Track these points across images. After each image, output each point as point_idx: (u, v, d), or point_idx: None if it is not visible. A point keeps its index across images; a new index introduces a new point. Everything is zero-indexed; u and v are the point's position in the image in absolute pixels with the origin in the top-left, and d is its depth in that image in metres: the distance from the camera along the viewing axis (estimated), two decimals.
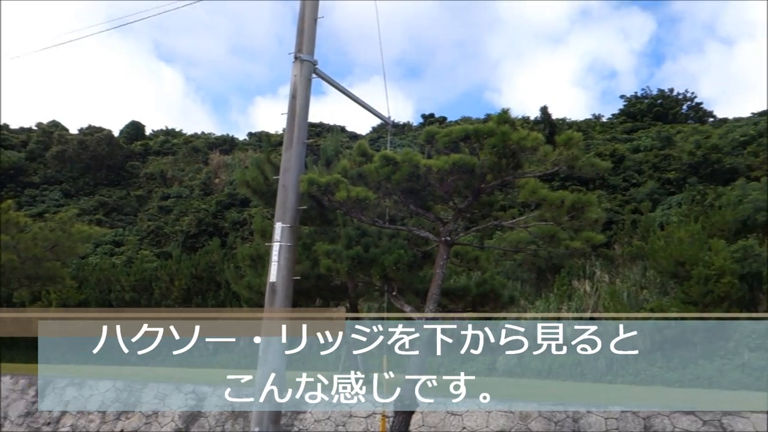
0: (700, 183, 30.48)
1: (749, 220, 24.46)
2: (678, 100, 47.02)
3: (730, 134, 34.37)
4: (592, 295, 24.76)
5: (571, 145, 8.87)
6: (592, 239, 9.64)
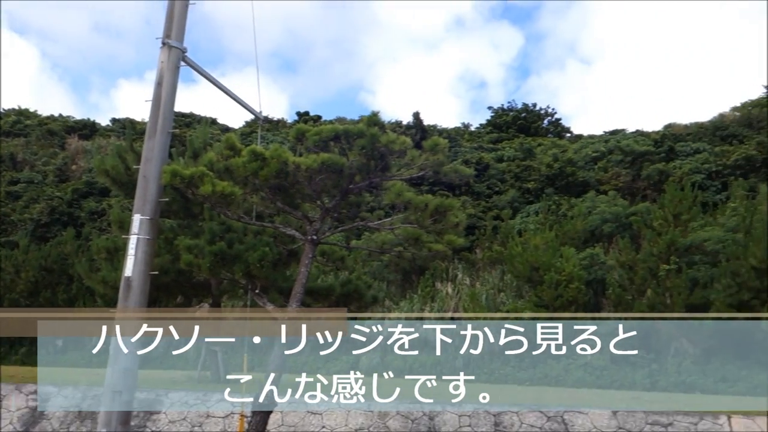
0: (555, 194, 32.47)
1: (597, 231, 26.40)
2: (540, 115, 49.86)
3: (583, 150, 36.87)
4: (453, 297, 25.69)
5: (437, 150, 9.14)
6: (454, 242, 9.97)
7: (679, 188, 24.69)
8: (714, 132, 36.44)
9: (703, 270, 20.79)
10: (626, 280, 21.94)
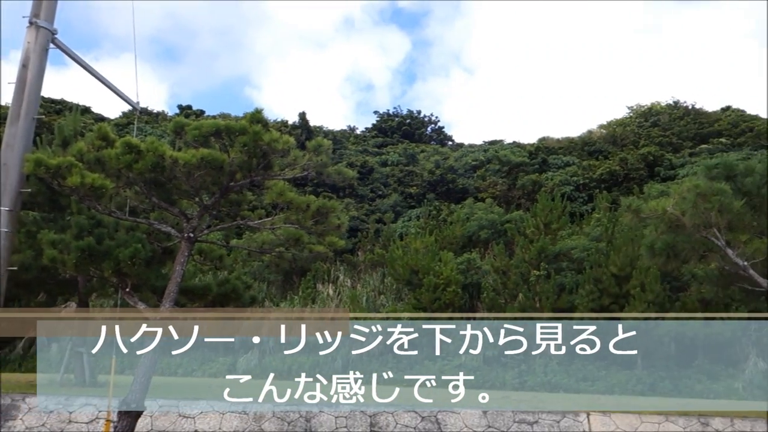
0: (436, 199, 33.37)
1: (474, 236, 27.37)
2: (424, 122, 51.14)
3: (464, 158, 38.17)
4: (334, 299, 25.71)
5: (321, 152, 9.12)
6: (336, 244, 10.00)
7: (550, 198, 26.08)
8: (583, 147, 38.83)
9: (569, 276, 22.02)
10: (500, 284, 22.87)
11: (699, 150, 35.09)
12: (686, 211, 8.01)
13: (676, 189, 8.46)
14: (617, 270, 20.14)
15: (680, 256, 8.74)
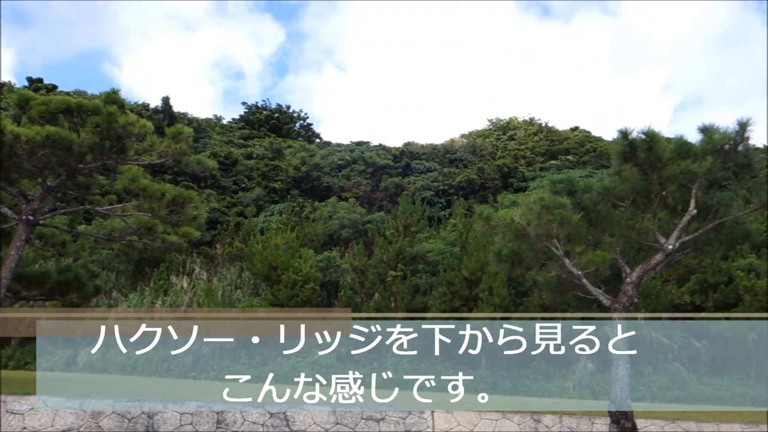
0: (300, 196, 33.26)
1: (335, 235, 27.58)
2: (293, 117, 50.79)
3: (330, 156, 38.34)
4: (188, 292, 24.89)
5: (180, 139, 8.82)
6: (191, 235, 9.71)
7: (411, 202, 26.82)
8: (445, 154, 40.29)
9: (424, 278, 22.76)
10: (357, 283, 23.20)
11: (549, 165, 37.55)
12: (531, 221, 8.56)
13: (524, 200, 9.02)
14: (469, 274, 21.07)
15: (524, 263, 9.32)
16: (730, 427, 12.70)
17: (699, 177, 8.87)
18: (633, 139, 8.99)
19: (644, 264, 9.10)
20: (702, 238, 9.50)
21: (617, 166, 9.48)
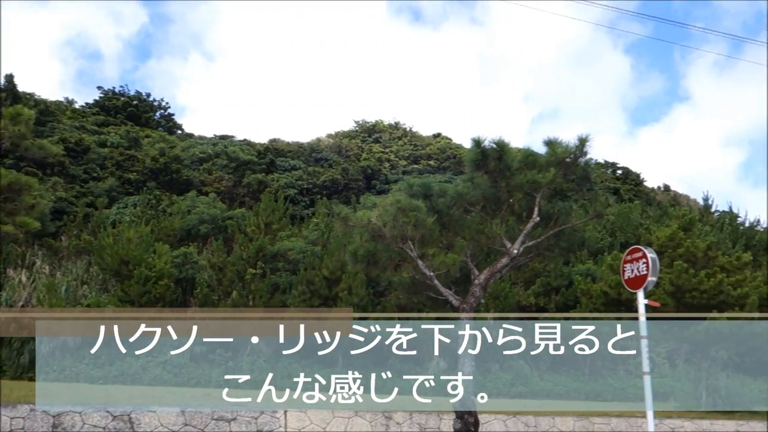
0: (157, 188, 31.87)
1: (193, 230, 26.69)
2: (152, 106, 48.53)
3: (192, 149, 37.09)
4: (27, 286, 23.10)
5: (20, 121, 8.16)
6: (28, 225, 9.02)
7: (273, 199, 26.54)
8: (310, 153, 40.28)
9: (284, 276, 22.61)
10: (215, 280, 22.61)
11: (411, 169, 38.62)
12: (387, 223, 8.75)
13: (381, 202, 9.22)
14: (329, 273, 21.19)
15: (380, 263, 9.51)
16: (563, 421, 13.70)
17: (543, 187, 9.49)
18: (485, 148, 9.46)
19: (491, 267, 9.59)
20: (544, 244, 10.16)
21: (470, 172, 9.93)
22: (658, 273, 9.84)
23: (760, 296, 16.45)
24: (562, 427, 13.70)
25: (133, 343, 9.68)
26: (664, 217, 28.72)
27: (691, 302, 16.63)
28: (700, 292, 16.42)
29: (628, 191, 44.77)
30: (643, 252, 9.68)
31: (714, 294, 16.39)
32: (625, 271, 10.03)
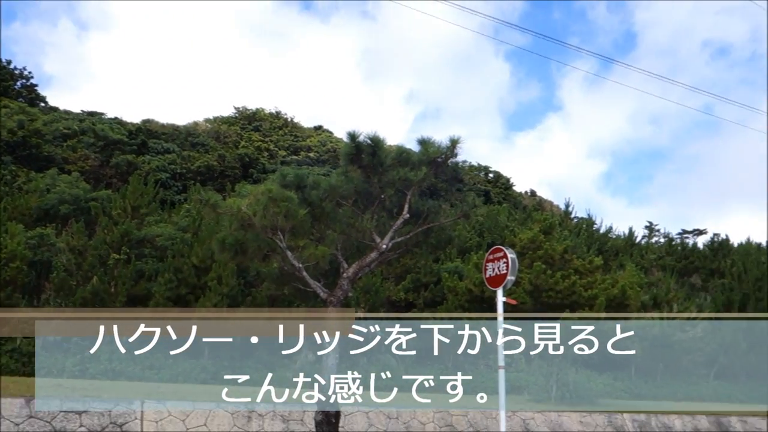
0: (14, 164, 29.57)
1: (52, 210, 25.00)
2: (13, 74, 44.84)
3: (55, 123, 34.68)
4: None
5: None
6: None
7: (143, 182, 25.40)
8: (186, 137, 38.91)
9: (150, 263, 21.73)
10: (74, 264, 21.33)
11: (291, 160, 38.27)
12: (257, 212, 8.62)
13: (252, 190, 9.07)
14: (198, 261, 20.62)
15: (248, 253, 9.36)
16: (423, 413, 14.15)
17: (414, 184, 9.71)
18: (360, 143, 9.54)
19: (360, 261, 9.70)
20: (413, 240, 10.40)
21: (344, 166, 9.98)
22: (516, 272, 10.37)
23: (607, 297, 17.74)
24: (422, 418, 14.14)
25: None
26: (528, 220, 30.32)
27: (547, 301, 17.67)
28: (556, 292, 17.48)
29: (497, 194, 46.83)
30: (504, 252, 10.15)
31: (568, 294, 17.51)
32: (487, 269, 10.47)
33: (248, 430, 12.51)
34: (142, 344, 8.96)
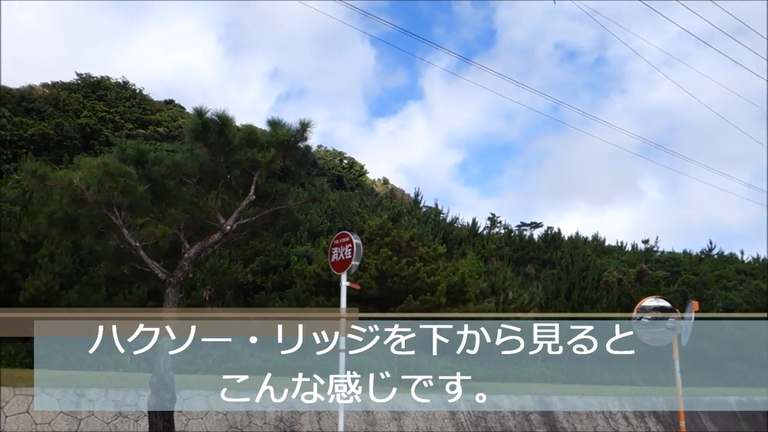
0: None
1: None
2: None
3: None
4: None
5: None
6: None
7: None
8: (20, 101, 35.70)
9: None
10: None
11: (137, 133, 36.33)
12: (91, 186, 8.13)
13: (86, 163, 8.51)
14: (28, 237, 19.10)
15: (80, 229, 8.81)
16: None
17: (262, 166, 9.60)
18: (207, 119, 9.27)
19: (203, 242, 9.46)
20: (259, 223, 10.30)
21: (190, 143, 9.67)
22: (361, 258, 10.58)
23: (448, 284, 18.57)
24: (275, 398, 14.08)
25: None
26: (379, 207, 31.01)
27: (392, 287, 18.17)
28: (401, 277, 18.01)
29: (351, 180, 47.38)
30: (350, 237, 10.31)
31: (412, 280, 18.10)
32: (332, 254, 10.59)
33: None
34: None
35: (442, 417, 16.13)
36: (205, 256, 11.14)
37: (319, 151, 50.14)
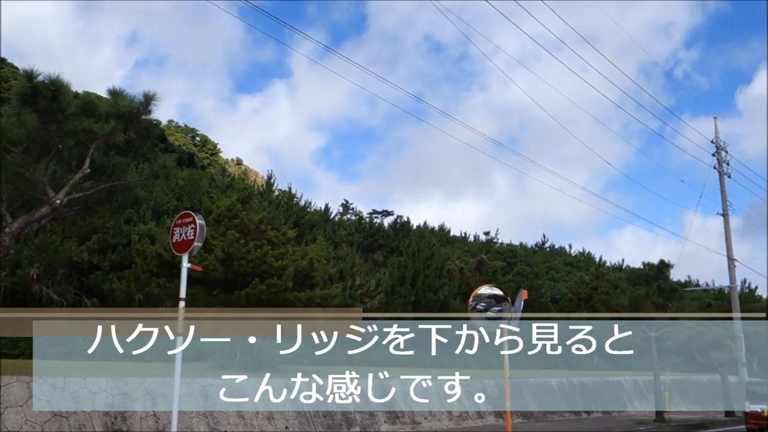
0: None
1: None
2: None
3: None
4: None
5: None
6: None
7: None
8: None
9: None
10: None
11: None
12: None
13: None
14: None
15: None
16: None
17: (99, 138, 9.00)
18: (38, 83, 8.53)
19: (27, 215, 8.73)
20: (93, 197, 9.67)
21: (17, 107, 8.85)
22: (204, 239, 10.25)
23: (296, 269, 18.50)
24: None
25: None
26: (230, 189, 30.20)
27: (238, 270, 17.80)
28: (248, 261, 17.68)
29: (203, 159, 45.78)
30: (193, 218, 9.93)
31: (259, 263, 17.82)
32: (174, 234, 10.16)
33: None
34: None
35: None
36: (33, 231, 10.29)
37: (170, 127, 47.88)
